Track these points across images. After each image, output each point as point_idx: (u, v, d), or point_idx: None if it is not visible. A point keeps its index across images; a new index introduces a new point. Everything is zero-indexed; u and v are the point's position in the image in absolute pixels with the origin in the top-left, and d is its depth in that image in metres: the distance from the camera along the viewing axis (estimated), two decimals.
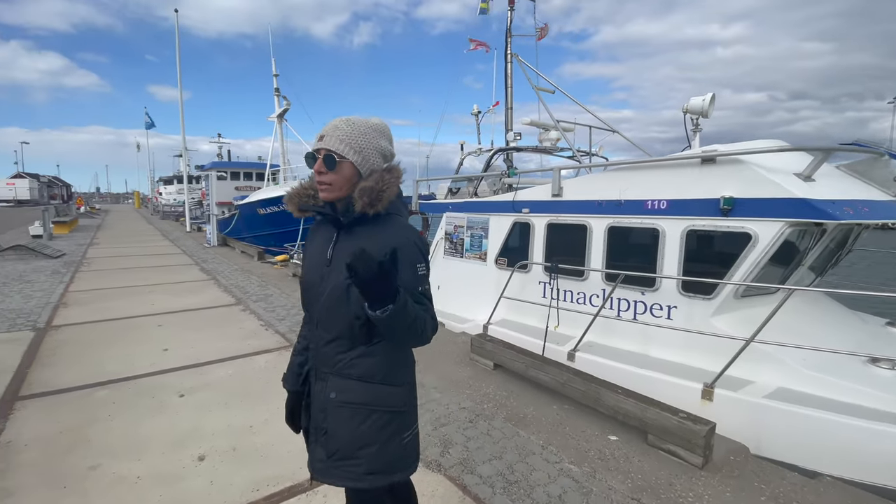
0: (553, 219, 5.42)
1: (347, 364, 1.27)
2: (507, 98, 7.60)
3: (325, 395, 1.29)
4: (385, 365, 1.30)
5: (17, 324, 4.95)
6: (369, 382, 1.28)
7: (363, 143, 1.29)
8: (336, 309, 1.26)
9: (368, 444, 1.27)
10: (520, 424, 3.08)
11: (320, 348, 1.31)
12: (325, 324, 1.29)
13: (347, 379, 1.28)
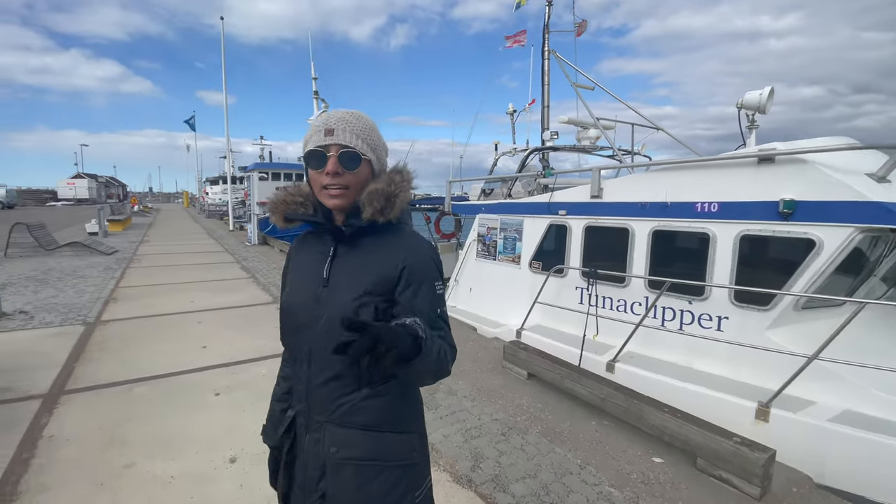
0: (592, 221, 5.20)
1: (351, 409, 1.02)
2: (544, 96, 7.39)
3: (323, 450, 1.03)
4: (395, 408, 1.07)
5: (68, 318, 5.22)
6: (378, 431, 1.03)
7: (376, 140, 1.08)
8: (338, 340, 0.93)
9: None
10: (556, 440, 2.92)
11: (314, 390, 1.04)
12: (321, 359, 1.02)
13: (350, 428, 1.02)
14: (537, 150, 6.64)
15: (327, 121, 1.04)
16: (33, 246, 10.63)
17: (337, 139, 1.01)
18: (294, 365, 1.10)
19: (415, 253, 1.05)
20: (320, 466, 1.03)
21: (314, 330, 1.03)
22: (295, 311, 1.08)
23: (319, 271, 1.07)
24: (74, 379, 3.55)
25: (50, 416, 2.93)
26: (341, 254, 1.07)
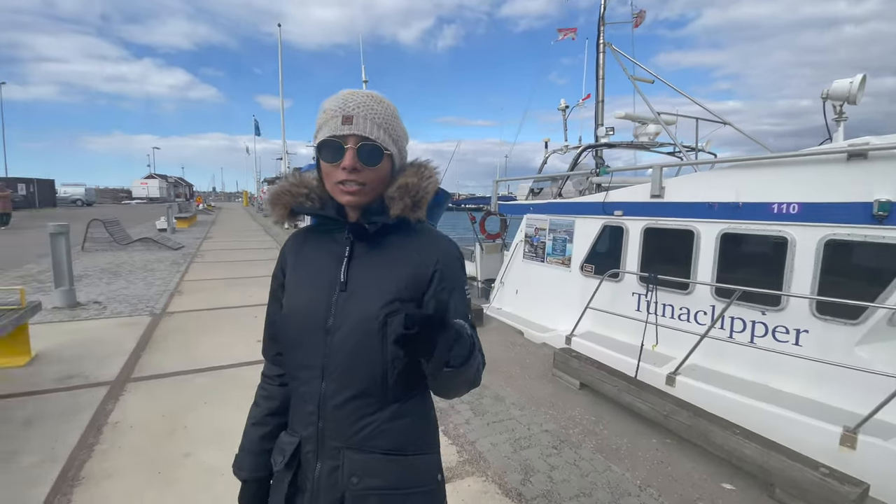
0: (652, 222, 4.88)
1: (373, 433, 0.89)
2: (598, 91, 7.06)
3: (342, 481, 0.88)
4: (418, 427, 0.95)
5: (137, 309, 5.58)
6: (402, 455, 0.91)
7: (398, 130, 0.94)
8: (364, 353, 0.87)
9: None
10: (612, 457, 2.73)
11: (329, 411, 0.90)
12: (342, 375, 0.88)
13: (372, 454, 0.89)
14: (591, 147, 6.35)
15: (345, 105, 0.88)
16: (108, 241, 11.55)
17: (356, 129, 0.87)
18: (298, 383, 0.94)
19: (447, 255, 0.94)
20: (337, 500, 0.89)
21: (330, 341, 0.88)
22: (302, 319, 0.92)
23: (334, 274, 0.92)
24: (140, 367, 3.75)
25: (115, 403, 3.10)
26: (360, 254, 0.93)
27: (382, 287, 0.89)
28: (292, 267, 1.00)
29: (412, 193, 0.91)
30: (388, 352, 0.87)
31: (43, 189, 34.14)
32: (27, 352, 3.80)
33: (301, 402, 0.93)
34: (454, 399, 3.35)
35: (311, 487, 0.91)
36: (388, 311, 0.86)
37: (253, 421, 1.05)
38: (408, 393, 0.92)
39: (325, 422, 0.90)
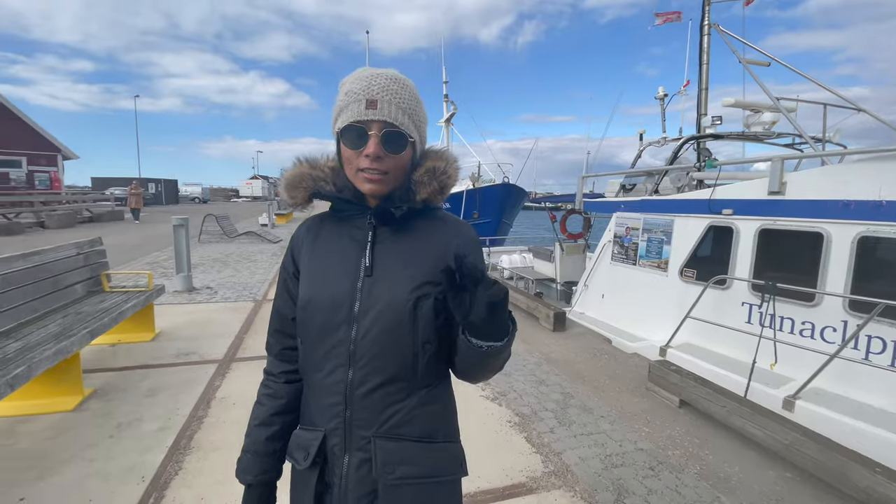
0: (769, 223, 4.28)
1: (404, 419, 0.86)
2: (702, 77, 6.37)
3: (374, 472, 0.84)
4: (446, 413, 0.94)
5: (242, 295, 6.12)
6: (433, 442, 0.89)
7: (420, 115, 0.90)
8: (393, 337, 0.84)
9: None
10: (721, 488, 2.39)
11: (357, 400, 0.85)
12: (371, 361, 0.85)
13: (403, 441, 0.86)
14: (694, 138, 5.74)
15: (369, 88, 0.83)
16: (219, 233, 12.93)
17: (381, 114, 0.82)
18: (321, 374, 0.89)
19: (470, 240, 0.93)
20: (368, 493, 0.85)
21: (357, 328, 0.85)
22: (327, 307, 0.87)
23: (357, 259, 0.88)
24: (245, 348, 4.08)
25: (222, 380, 3.39)
26: (383, 239, 0.89)
27: (411, 271, 0.86)
28: (308, 256, 0.94)
29: (439, 177, 0.89)
30: (419, 335, 0.85)
31: (168, 188, 39.30)
32: (152, 329, 4.32)
33: (323, 395, 0.88)
34: (538, 406, 3.19)
35: (340, 483, 0.86)
36: (419, 294, 0.84)
37: (257, 422, 0.99)
38: (436, 379, 0.90)
39: (353, 412, 0.86)
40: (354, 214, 0.92)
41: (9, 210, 15.69)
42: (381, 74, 0.86)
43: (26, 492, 2.11)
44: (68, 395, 2.95)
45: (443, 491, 0.89)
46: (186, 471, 2.30)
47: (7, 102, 24.97)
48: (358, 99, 0.82)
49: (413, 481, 0.85)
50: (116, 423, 2.72)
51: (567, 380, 3.70)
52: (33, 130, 25.68)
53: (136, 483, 2.19)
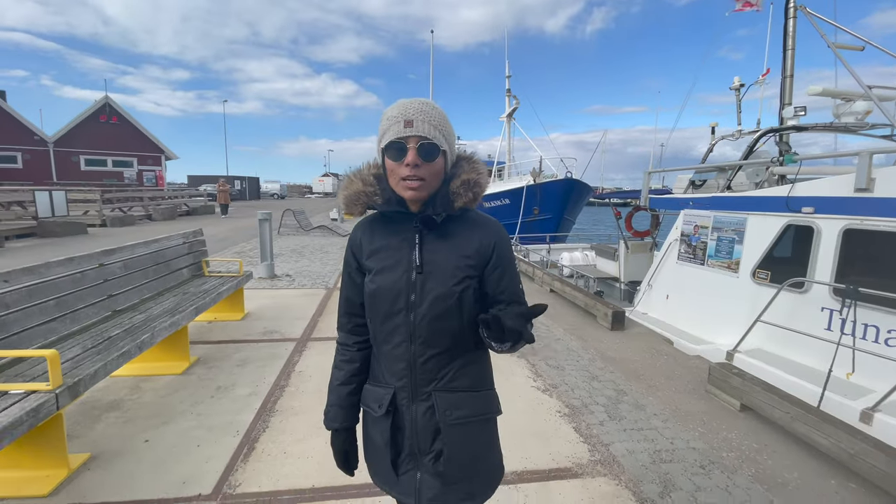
0: (855, 223, 3.95)
1: (455, 376, 1.12)
2: (787, 64, 5.88)
3: (439, 415, 1.10)
4: (484, 370, 1.20)
5: (316, 282, 6.69)
6: (477, 391, 1.16)
7: (449, 130, 1.09)
8: (446, 321, 1.07)
9: (484, 457, 1.17)
10: (776, 491, 2.35)
11: (420, 365, 1.10)
12: (428, 337, 1.09)
13: (456, 392, 1.12)
14: (774, 130, 5.34)
15: (405, 111, 1.03)
16: (295, 227, 14.01)
17: (416, 130, 1.02)
18: (389, 346, 1.12)
19: (500, 236, 1.14)
20: (433, 430, 1.11)
21: (414, 315, 1.08)
22: (390, 297, 1.09)
23: (408, 258, 1.09)
24: (318, 329, 4.54)
25: (300, 356, 3.82)
26: (429, 240, 1.10)
27: (453, 268, 1.08)
28: (369, 253, 1.15)
29: (473, 189, 1.09)
30: (463, 318, 1.08)
31: (251, 185, 42.75)
32: (242, 310, 4.91)
33: (392, 362, 1.13)
34: (588, 399, 3.27)
35: (410, 426, 1.12)
36: (462, 287, 1.07)
37: (339, 382, 1.23)
38: (474, 345, 1.13)
39: (416, 374, 1.11)
40: (400, 219, 1.12)
41: (124, 204, 18.07)
42: (416, 101, 1.07)
43: (150, 435, 2.60)
44: (178, 360, 3.51)
45: (485, 426, 1.17)
46: (272, 429, 2.70)
47: (122, 110, 28.54)
48: (398, 121, 1.03)
49: (465, 420, 1.12)
50: (216, 387, 3.21)
51: (621, 377, 3.71)
52: (142, 134, 29.16)
53: (233, 435, 2.61)
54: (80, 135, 26.50)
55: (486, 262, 1.11)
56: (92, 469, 2.29)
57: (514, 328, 0.92)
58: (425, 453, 1.12)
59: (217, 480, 2.22)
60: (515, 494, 2.21)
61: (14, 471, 2.17)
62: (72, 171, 26.08)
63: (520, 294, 1.15)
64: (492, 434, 1.21)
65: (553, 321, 5.27)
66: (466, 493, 1.14)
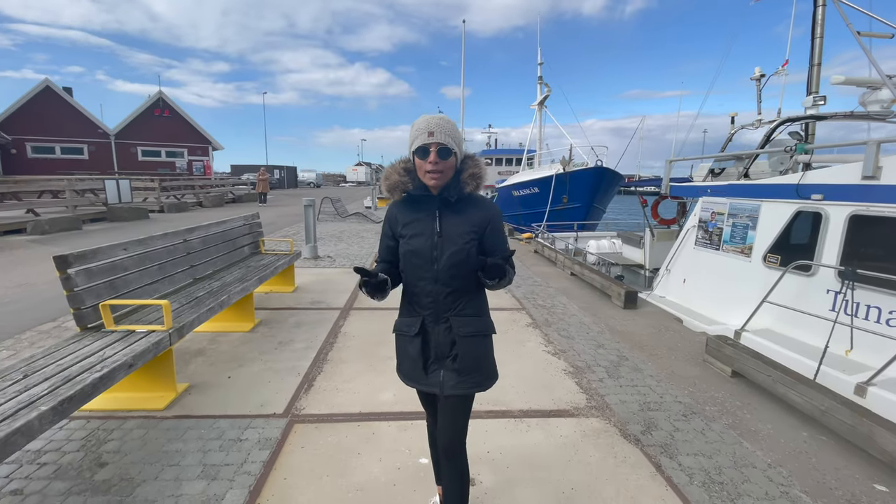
0: (861, 209, 4.16)
1: (465, 306, 1.62)
2: (814, 52, 5.94)
3: (454, 331, 1.61)
4: (483, 302, 1.71)
5: (355, 263, 7.36)
6: (479, 316, 1.66)
7: (459, 137, 1.58)
8: (459, 269, 1.56)
9: (485, 358, 1.67)
10: (746, 436, 2.75)
11: (441, 299, 1.60)
12: (446, 280, 1.58)
13: (466, 316, 1.62)
14: (791, 120, 5.48)
15: (429, 125, 1.52)
16: (333, 214, 14.83)
17: (436, 139, 1.50)
18: (418, 287, 1.63)
19: (493, 212, 1.65)
20: (451, 342, 1.63)
21: (437, 265, 1.58)
22: (420, 253, 1.59)
23: (432, 227, 1.58)
24: (359, 301, 5.19)
25: (344, 321, 4.46)
26: (445, 215, 1.59)
27: (463, 233, 1.58)
28: (402, 224, 1.64)
29: (477, 179, 1.61)
30: (472, 266, 1.58)
31: (289, 173, 44.41)
32: (293, 283, 5.62)
33: (422, 296, 1.63)
34: (592, 362, 3.72)
35: (435, 339, 1.65)
36: (469, 244, 1.58)
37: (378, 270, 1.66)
38: (477, 286, 1.63)
39: (438, 305, 1.62)
40: (425, 200, 1.62)
41: (178, 192, 19.52)
42: (435, 117, 1.56)
43: (231, 373, 3.28)
44: (247, 321, 4.21)
45: (486, 340, 1.70)
46: (325, 372, 3.33)
47: (173, 104, 30.29)
48: (423, 132, 1.52)
49: (472, 335, 1.64)
50: (278, 342, 3.89)
51: (626, 347, 4.13)
52: (191, 126, 30.90)
53: (295, 376, 3.26)
54: (137, 127, 28.51)
55: (483, 229, 1.62)
56: (192, 394, 2.98)
57: (494, 264, 1.48)
58: (446, 357, 1.64)
59: (286, 405, 2.86)
60: (521, 425, 2.73)
61: (138, 392, 2.88)
62: (130, 161, 28.16)
63: (506, 250, 1.62)
64: (488, 346, 1.72)
65: (570, 299, 5.69)
66: (474, 382, 1.65)
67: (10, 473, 2.20)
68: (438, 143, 1.50)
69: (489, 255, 1.61)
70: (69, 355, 2.42)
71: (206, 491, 2.09)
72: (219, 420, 2.68)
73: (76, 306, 2.73)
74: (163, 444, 2.43)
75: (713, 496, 2.19)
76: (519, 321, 4.71)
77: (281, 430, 2.59)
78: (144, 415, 2.72)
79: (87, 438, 2.48)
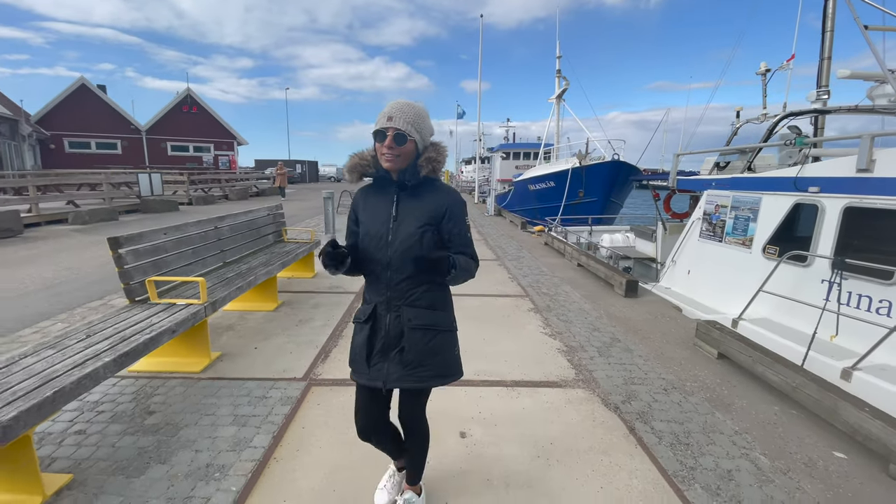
0: (855, 201, 4.29)
1: (418, 297, 1.58)
2: (825, 46, 5.98)
3: (402, 321, 1.57)
4: (441, 296, 1.67)
5: None
6: (433, 310, 1.62)
7: (421, 124, 1.54)
8: (410, 253, 1.52)
9: (435, 355, 1.62)
10: (720, 408, 3.00)
11: (393, 286, 1.56)
12: (398, 266, 1.54)
13: (418, 308, 1.58)
14: (793, 114, 5.57)
15: (390, 110, 1.50)
16: None
17: (394, 124, 1.49)
18: (372, 275, 1.61)
19: (453, 199, 1.61)
20: (399, 333, 1.59)
21: (390, 249, 1.56)
22: (375, 237, 1.57)
23: (388, 211, 1.58)
24: None
25: (358, 304, 4.80)
26: (403, 199, 1.59)
27: (418, 218, 1.56)
28: (363, 208, 1.65)
29: (432, 163, 1.58)
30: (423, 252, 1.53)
31: (311, 168, 45.29)
32: (312, 270, 6.04)
33: (375, 282, 1.61)
34: (585, 343, 3.99)
35: (385, 328, 1.61)
36: (422, 230, 1.55)
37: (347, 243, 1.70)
38: (432, 278, 1.59)
39: (391, 292, 1.59)
40: (385, 184, 1.61)
41: (205, 185, 20.35)
42: (399, 102, 1.54)
43: (258, 345, 3.69)
44: (270, 301, 4.63)
45: (440, 335, 1.64)
46: (339, 346, 3.70)
47: (200, 101, 31.29)
48: (384, 116, 1.51)
49: (423, 327, 1.60)
50: (299, 320, 4.29)
51: (620, 331, 4.38)
52: (217, 122, 31.89)
53: (313, 349, 3.64)
54: (167, 123, 29.68)
55: (441, 217, 1.58)
56: (224, 361, 3.39)
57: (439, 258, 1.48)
58: (392, 348, 1.59)
59: (305, 371, 3.25)
60: (512, 393, 3.05)
61: (179, 357, 3.30)
62: (160, 156, 29.35)
63: (466, 242, 1.62)
64: (445, 342, 1.65)
65: (573, 288, 5.94)
66: (421, 377, 1.61)
67: (74, 419, 2.63)
68: (395, 128, 1.49)
69: (445, 245, 1.60)
70: (122, 321, 2.85)
71: (237, 435, 2.48)
72: (247, 382, 3.07)
73: (126, 281, 3.16)
74: (200, 399, 2.84)
75: (678, 454, 2.46)
76: (521, 307, 4.99)
77: (300, 390, 2.97)
78: (184, 376, 3.14)
79: (137, 393, 2.91)
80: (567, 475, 2.25)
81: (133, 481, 2.10)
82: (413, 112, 1.53)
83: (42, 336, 3.84)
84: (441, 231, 1.59)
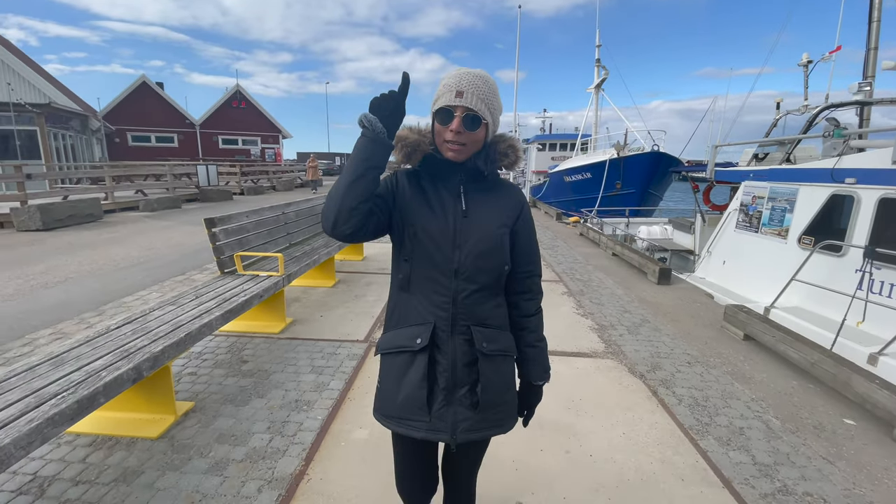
0: (891, 192, 4.36)
1: (489, 314, 1.22)
2: (871, 36, 5.93)
3: (476, 347, 1.17)
4: (507, 314, 1.30)
5: None
6: (505, 330, 1.27)
7: (495, 104, 1.18)
8: (485, 259, 1.17)
9: (510, 389, 1.28)
10: (739, 380, 3.27)
11: (461, 300, 1.17)
12: (471, 273, 1.17)
13: (490, 328, 1.21)
14: (834, 106, 5.57)
15: (459, 82, 1.11)
16: None
17: (465, 101, 1.10)
18: (431, 283, 1.17)
19: (524, 197, 1.31)
20: (472, 361, 1.18)
21: (459, 253, 1.16)
22: (437, 237, 1.16)
23: (454, 205, 1.18)
24: None
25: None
26: (470, 191, 1.21)
27: (495, 216, 1.21)
28: (410, 195, 1.19)
29: (516, 152, 1.24)
30: (503, 258, 1.20)
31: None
32: (362, 253, 6.61)
33: (434, 295, 1.17)
34: (616, 322, 4.31)
35: (450, 355, 1.17)
36: (502, 231, 1.21)
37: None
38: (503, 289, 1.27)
39: (457, 309, 1.17)
40: (445, 173, 1.20)
41: (254, 177, 21.57)
42: (470, 72, 1.14)
43: (322, 314, 4.24)
44: (330, 279, 5.21)
45: (512, 361, 1.30)
46: None
47: (248, 96, 32.78)
48: (451, 89, 1.11)
49: (500, 353, 1.22)
50: (354, 295, 4.83)
51: (650, 313, 4.65)
52: (264, 116, 33.36)
53: (369, 318, 4.16)
54: (218, 118, 31.41)
55: (516, 218, 1.25)
56: (296, 325, 3.96)
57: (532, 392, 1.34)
58: (462, 384, 1.18)
59: (365, 334, 3.77)
60: None
61: (259, 321, 3.89)
62: (213, 149, 31.14)
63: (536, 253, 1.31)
64: (513, 371, 1.31)
65: (607, 275, 6.21)
66: (496, 421, 1.23)
67: (185, 364, 3.24)
68: (467, 107, 1.11)
69: (515, 263, 1.26)
70: (221, 287, 3.44)
71: (317, 380, 3.01)
72: (318, 342, 3.62)
73: (218, 255, 3.76)
74: (283, 353, 3.40)
75: (695, 413, 2.78)
76: (555, 290, 5.34)
77: (363, 349, 3.49)
78: (265, 336, 3.72)
79: (230, 347, 3.50)
80: (594, 423, 2.63)
81: (241, 409, 2.66)
82: (487, 88, 1.15)
83: (143, 303, 4.55)
84: (514, 238, 1.25)
